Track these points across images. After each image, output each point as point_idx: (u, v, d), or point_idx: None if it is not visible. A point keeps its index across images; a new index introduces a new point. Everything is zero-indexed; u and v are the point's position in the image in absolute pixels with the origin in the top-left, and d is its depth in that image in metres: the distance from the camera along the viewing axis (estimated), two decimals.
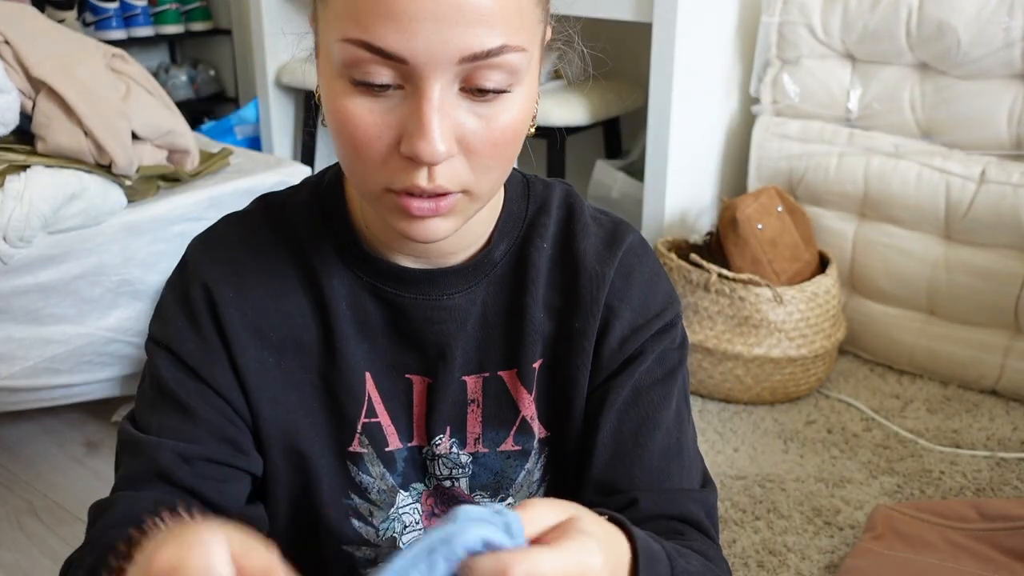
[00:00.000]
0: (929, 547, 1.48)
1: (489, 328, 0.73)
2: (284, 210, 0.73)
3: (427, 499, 0.76)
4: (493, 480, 0.75)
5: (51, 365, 1.69)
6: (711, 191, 2.35)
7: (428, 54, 0.54)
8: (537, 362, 0.74)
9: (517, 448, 0.74)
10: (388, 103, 0.57)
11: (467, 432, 0.74)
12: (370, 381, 0.72)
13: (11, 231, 1.54)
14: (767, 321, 1.96)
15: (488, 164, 0.60)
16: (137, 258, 1.74)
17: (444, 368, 0.72)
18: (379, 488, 0.74)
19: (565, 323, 0.73)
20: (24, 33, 1.65)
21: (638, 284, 0.74)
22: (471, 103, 0.58)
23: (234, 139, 2.99)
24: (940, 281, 2.06)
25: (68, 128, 1.60)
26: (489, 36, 0.55)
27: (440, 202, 0.60)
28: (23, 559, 1.63)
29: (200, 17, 3.44)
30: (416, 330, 0.72)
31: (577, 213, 0.75)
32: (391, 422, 0.73)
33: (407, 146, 0.57)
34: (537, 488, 0.76)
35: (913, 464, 1.81)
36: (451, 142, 0.57)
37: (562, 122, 2.28)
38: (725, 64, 2.25)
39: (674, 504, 0.71)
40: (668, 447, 0.73)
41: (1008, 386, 2.03)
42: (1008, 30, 1.90)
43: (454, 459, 0.74)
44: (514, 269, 0.73)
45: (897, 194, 2.06)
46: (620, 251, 0.74)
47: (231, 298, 0.70)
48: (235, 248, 0.72)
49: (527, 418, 0.74)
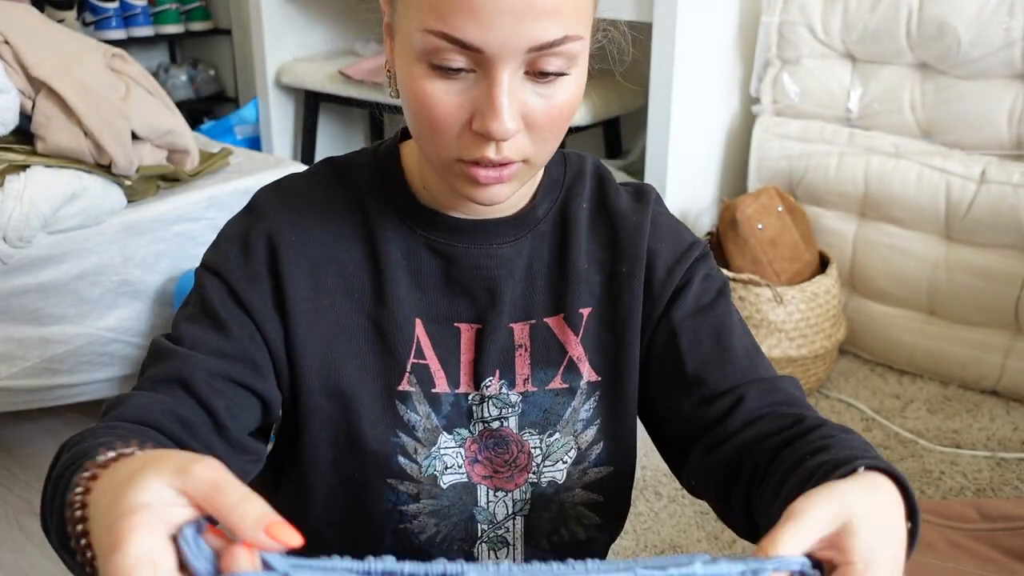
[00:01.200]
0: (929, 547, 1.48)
1: (535, 279, 0.79)
2: (347, 169, 0.80)
3: (471, 445, 0.80)
4: (541, 417, 0.80)
5: (51, 365, 1.69)
6: (711, 191, 2.35)
7: (501, 44, 0.61)
8: (586, 309, 0.80)
9: (565, 386, 0.80)
10: (462, 84, 0.64)
11: (516, 374, 0.79)
12: (420, 327, 0.78)
13: (11, 231, 1.54)
14: (767, 321, 1.96)
15: (546, 136, 0.67)
16: (137, 258, 1.74)
17: (493, 313, 0.78)
18: (425, 427, 0.78)
19: (612, 271, 0.80)
20: (24, 33, 1.65)
21: (667, 226, 0.83)
22: (534, 84, 0.65)
23: (234, 139, 2.99)
24: (940, 281, 2.06)
25: (68, 128, 1.60)
26: (554, 28, 0.62)
27: (504, 171, 0.67)
28: (23, 559, 1.63)
29: (200, 17, 3.44)
30: (467, 278, 0.78)
31: (608, 180, 0.84)
32: (440, 366, 0.79)
33: (479, 124, 0.64)
34: (583, 428, 0.80)
35: (913, 464, 1.81)
36: (518, 120, 0.65)
37: None
38: (725, 64, 2.25)
39: (778, 391, 0.76)
40: (747, 346, 0.80)
41: (1008, 386, 2.03)
42: (1008, 30, 1.90)
43: (504, 399, 0.79)
44: (557, 225, 0.80)
45: (897, 194, 2.06)
46: (650, 204, 0.83)
47: (292, 242, 0.75)
48: (300, 198, 0.78)
49: (574, 358, 0.80)
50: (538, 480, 0.80)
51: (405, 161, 0.79)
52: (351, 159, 0.81)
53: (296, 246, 0.75)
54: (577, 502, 0.82)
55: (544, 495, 0.81)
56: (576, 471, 0.81)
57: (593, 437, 0.81)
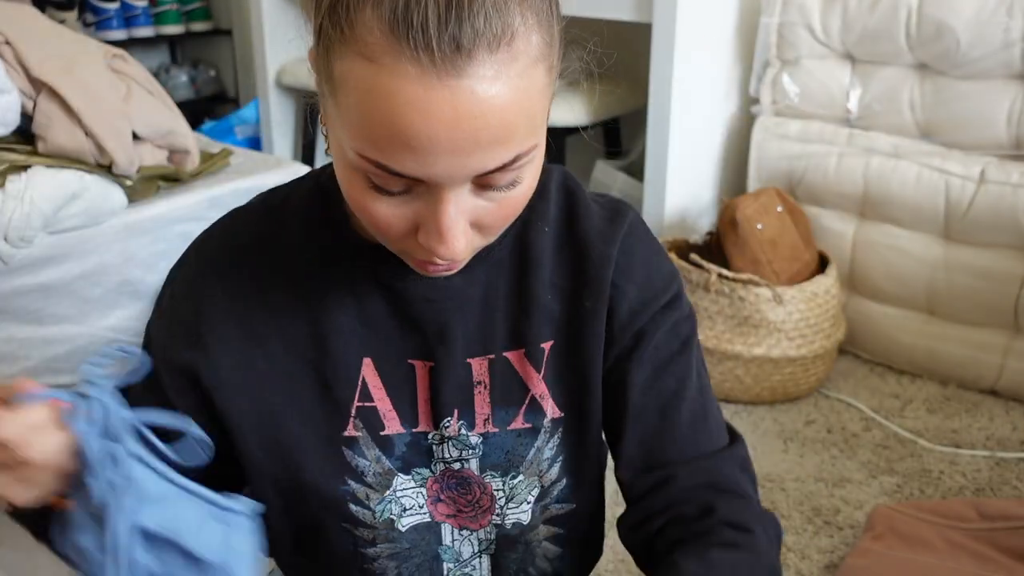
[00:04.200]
0: (929, 547, 1.49)
1: (492, 310, 0.74)
2: (284, 202, 0.75)
3: (432, 484, 0.76)
4: (504, 459, 0.76)
5: (51, 365, 1.70)
6: (711, 191, 2.35)
7: (445, 177, 0.56)
8: (547, 343, 0.75)
9: (527, 426, 0.75)
10: (405, 198, 0.59)
11: (476, 413, 0.74)
12: (370, 367, 0.73)
13: (12, 231, 1.55)
14: (767, 321, 1.96)
15: (499, 230, 0.64)
16: (138, 258, 1.74)
17: (445, 350, 0.73)
18: (375, 471, 0.75)
19: (575, 303, 0.74)
20: (25, 34, 1.65)
21: (640, 261, 0.75)
22: (485, 192, 0.60)
23: (234, 139, 2.99)
24: (939, 281, 2.06)
25: (69, 128, 1.60)
26: (503, 153, 0.56)
27: (455, 264, 0.64)
28: (23, 559, 1.63)
29: (200, 17, 3.44)
30: (416, 312, 0.73)
31: (577, 195, 0.76)
32: (392, 407, 0.74)
33: (425, 242, 0.60)
34: (548, 467, 0.77)
35: (913, 464, 1.81)
36: (467, 233, 0.61)
37: (562, 122, 2.28)
38: (725, 64, 2.25)
39: (708, 472, 0.74)
40: (695, 415, 0.76)
41: (1007, 386, 2.03)
42: (1007, 30, 1.90)
43: (464, 440, 0.75)
44: (516, 252, 0.74)
45: (896, 194, 2.07)
46: (622, 230, 0.75)
47: (217, 296, 0.72)
48: (230, 243, 0.74)
49: (537, 396, 0.75)
50: (502, 522, 0.78)
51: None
52: (291, 190, 0.76)
53: (221, 301, 0.72)
54: (542, 539, 0.80)
55: (509, 536, 0.78)
56: (539, 508, 0.78)
57: (556, 475, 0.77)
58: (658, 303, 0.75)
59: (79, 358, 1.73)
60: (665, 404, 0.75)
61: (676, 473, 0.74)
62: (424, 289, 0.72)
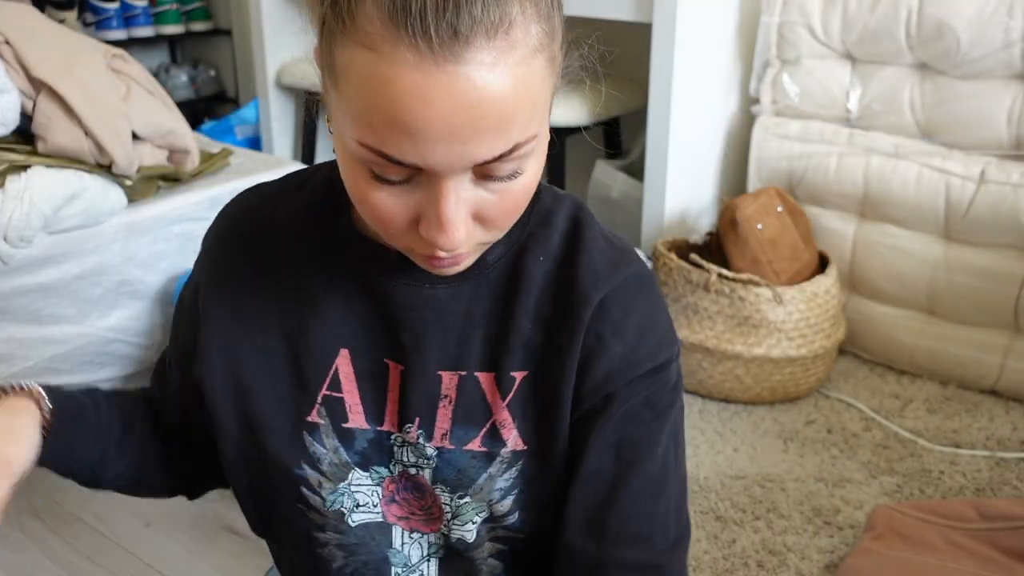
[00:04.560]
0: (929, 547, 1.49)
1: (472, 328, 0.73)
2: (299, 188, 0.78)
3: (388, 484, 0.76)
4: (454, 477, 0.74)
5: (51, 365, 1.69)
6: (711, 191, 2.35)
7: (445, 164, 0.56)
8: (520, 372, 0.73)
9: (483, 450, 0.73)
10: (406, 188, 0.60)
11: (435, 426, 0.74)
12: (345, 358, 0.74)
13: (12, 231, 1.55)
14: (767, 321, 1.96)
15: (502, 225, 0.64)
16: (137, 258, 1.74)
17: (417, 358, 0.73)
18: (331, 461, 0.75)
19: (553, 337, 0.72)
20: (25, 33, 1.65)
21: (635, 318, 0.72)
22: (486, 183, 0.60)
23: (234, 139, 2.99)
24: (940, 281, 2.06)
25: (69, 128, 1.60)
26: (502, 142, 0.56)
27: (459, 258, 0.64)
28: (24, 559, 1.63)
29: (200, 17, 3.44)
30: (398, 317, 0.73)
31: (583, 228, 0.73)
32: (359, 401, 0.75)
33: (426, 233, 0.60)
34: (500, 497, 0.74)
35: (913, 464, 1.81)
36: (468, 224, 0.60)
37: (562, 122, 2.28)
38: (725, 64, 2.25)
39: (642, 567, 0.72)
40: (645, 492, 0.73)
41: (1008, 386, 2.03)
42: (1008, 30, 1.90)
43: (421, 449, 0.74)
44: (507, 275, 0.72)
45: (897, 194, 2.07)
46: (620, 277, 0.72)
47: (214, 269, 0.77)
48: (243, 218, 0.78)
49: (497, 423, 0.73)
50: (448, 534, 0.77)
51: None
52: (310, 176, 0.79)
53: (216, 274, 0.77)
54: (487, 555, 0.79)
55: (454, 549, 0.78)
56: (485, 528, 0.77)
57: (509, 507, 0.75)
58: (639, 369, 0.71)
59: (79, 358, 1.73)
60: (619, 474, 0.72)
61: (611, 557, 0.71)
62: (408, 297, 0.72)
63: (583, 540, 0.73)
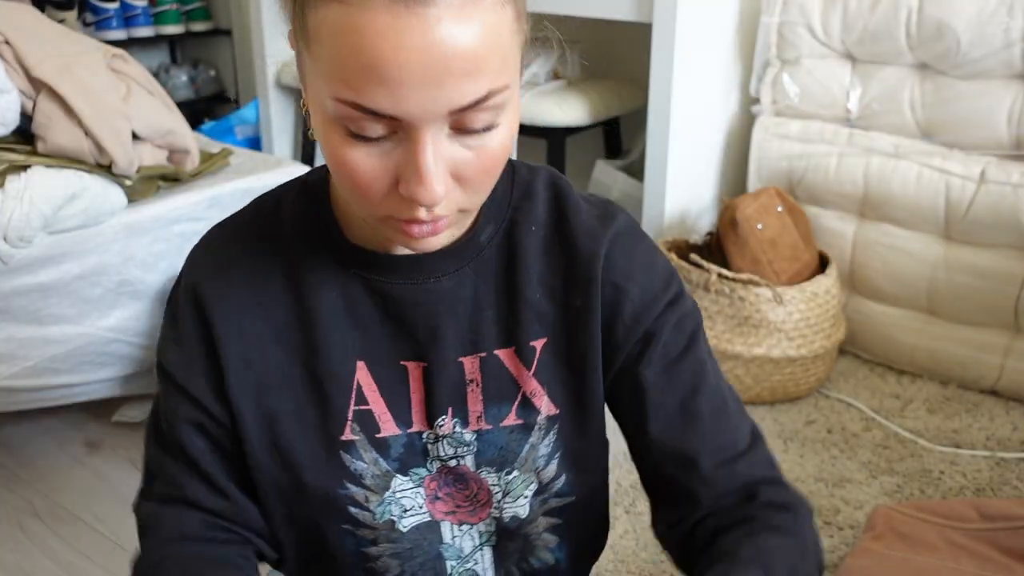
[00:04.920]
0: (929, 547, 1.49)
1: (482, 310, 0.74)
2: (276, 207, 0.76)
3: (430, 483, 0.77)
4: (498, 455, 0.76)
5: (51, 365, 1.69)
6: (711, 191, 2.35)
7: (420, 112, 0.57)
8: (539, 341, 0.75)
9: (519, 422, 0.76)
10: (384, 147, 0.60)
11: (469, 411, 0.75)
12: (364, 369, 0.74)
13: (11, 231, 1.55)
14: (767, 321, 1.96)
15: (480, 186, 0.64)
16: (137, 258, 1.74)
17: (437, 351, 0.74)
18: (373, 474, 0.75)
19: (566, 303, 0.75)
20: (24, 33, 1.65)
21: (638, 261, 0.76)
22: (462, 139, 0.60)
23: (234, 139, 2.99)
24: (940, 281, 2.06)
25: (68, 128, 1.60)
26: (475, 87, 0.57)
27: (438, 224, 0.64)
28: (23, 560, 1.63)
29: (200, 17, 3.44)
30: (407, 316, 0.73)
31: (565, 194, 0.77)
32: (387, 409, 0.75)
33: (406, 190, 0.60)
34: (544, 464, 0.77)
35: (913, 464, 1.81)
36: (447, 180, 0.61)
37: (562, 122, 2.28)
38: (725, 64, 2.25)
39: (738, 476, 0.75)
40: (715, 407, 0.76)
41: (1008, 386, 2.03)
42: (1008, 30, 1.90)
43: (458, 438, 0.75)
44: (503, 251, 0.75)
45: (897, 194, 2.06)
46: (613, 229, 0.75)
47: (216, 300, 0.73)
48: (223, 252, 0.75)
49: (527, 393, 0.75)
50: (500, 515, 0.78)
51: (334, 194, 0.74)
52: (281, 195, 0.77)
53: (220, 304, 0.73)
54: (541, 530, 0.80)
55: (508, 528, 0.79)
56: (537, 501, 0.78)
57: (555, 471, 0.77)
58: (661, 302, 0.75)
59: (78, 358, 1.73)
60: (684, 399, 0.75)
61: (706, 468, 0.74)
62: (414, 293, 0.73)
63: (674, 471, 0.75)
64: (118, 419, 1.99)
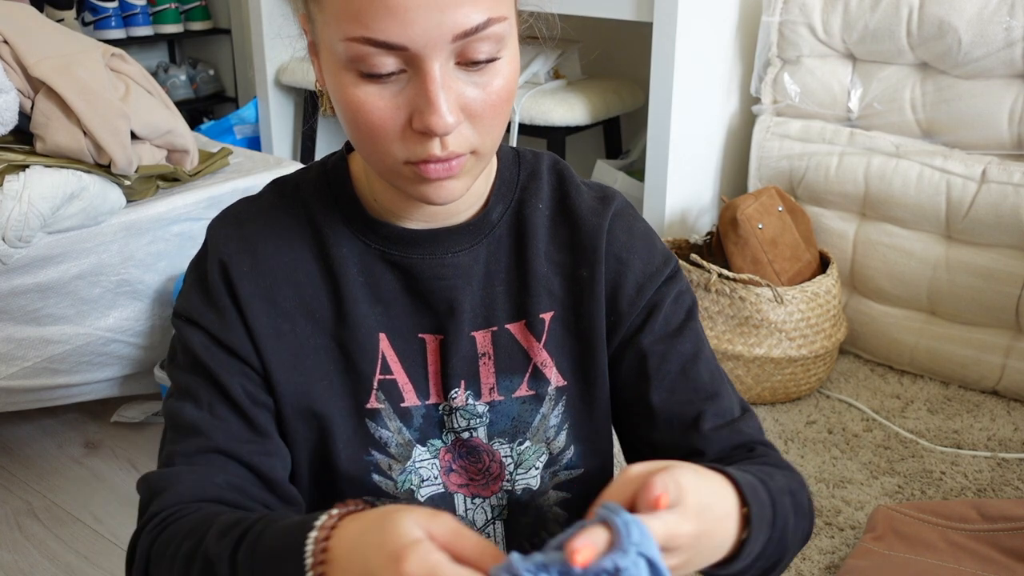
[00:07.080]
0: (930, 548, 1.48)
1: (493, 285, 0.79)
2: (295, 189, 0.80)
3: (444, 455, 0.80)
4: (510, 426, 0.80)
5: (50, 365, 1.69)
6: (711, 191, 2.35)
7: (426, 38, 0.61)
8: (548, 314, 0.79)
9: (531, 393, 0.79)
10: (395, 87, 0.64)
11: (481, 383, 0.79)
12: (385, 341, 0.78)
13: (10, 231, 1.54)
14: (767, 321, 1.95)
15: (489, 125, 0.67)
16: (136, 258, 1.74)
17: (454, 324, 0.77)
18: (397, 442, 0.78)
19: (572, 275, 0.79)
20: (23, 33, 1.65)
21: (639, 237, 0.81)
22: (468, 74, 0.65)
23: (233, 139, 2.99)
24: (941, 281, 2.06)
25: (67, 128, 1.60)
26: (476, 14, 0.62)
27: (453, 163, 0.66)
28: (22, 560, 1.63)
29: (199, 17, 3.44)
30: (425, 289, 0.77)
31: (567, 176, 0.82)
32: (408, 380, 0.78)
33: (419, 122, 0.64)
34: (555, 435, 0.81)
35: (914, 464, 1.81)
36: (457, 112, 0.64)
37: (562, 122, 2.28)
38: (725, 64, 2.25)
39: (737, 435, 0.78)
40: (713, 374, 0.80)
41: (1009, 386, 2.02)
42: (1009, 30, 1.89)
43: (471, 410, 0.79)
44: (513, 229, 0.79)
45: (898, 194, 2.06)
46: (613, 207, 0.81)
47: (244, 271, 0.75)
48: (249, 225, 0.78)
49: (538, 364, 0.79)
50: (512, 488, 0.81)
51: (354, 173, 0.79)
52: (300, 176, 0.80)
53: (248, 274, 0.75)
54: (552, 503, 0.83)
55: (520, 501, 0.82)
56: (548, 474, 0.82)
57: (564, 442, 0.81)
58: (662, 275, 0.80)
59: (77, 358, 1.73)
60: (685, 366, 0.79)
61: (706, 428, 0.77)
62: (433, 267, 0.76)
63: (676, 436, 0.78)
64: (117, 419, 1.99)
